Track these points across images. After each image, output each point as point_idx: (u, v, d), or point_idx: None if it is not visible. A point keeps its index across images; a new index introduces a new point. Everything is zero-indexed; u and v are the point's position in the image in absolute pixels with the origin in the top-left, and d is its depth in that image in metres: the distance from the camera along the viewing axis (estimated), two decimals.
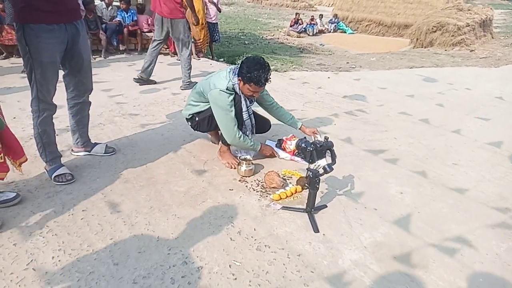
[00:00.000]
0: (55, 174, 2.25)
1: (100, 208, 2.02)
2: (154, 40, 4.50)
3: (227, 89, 2.37)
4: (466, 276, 1.68)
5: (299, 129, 2.75)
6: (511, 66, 7.28)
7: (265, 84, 2.36)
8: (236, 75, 2.37)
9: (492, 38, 12.17)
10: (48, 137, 2.23)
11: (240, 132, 2.44)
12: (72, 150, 2.62)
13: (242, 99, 2.45)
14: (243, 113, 2.49)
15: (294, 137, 2.74)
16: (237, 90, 2.41)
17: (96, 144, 2.64)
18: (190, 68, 4.54)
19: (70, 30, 2.08)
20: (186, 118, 2.75)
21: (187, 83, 4.50)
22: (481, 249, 1.87)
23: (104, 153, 2.61)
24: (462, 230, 2.01)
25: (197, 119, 2.64)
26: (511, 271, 1.73)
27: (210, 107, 2.48)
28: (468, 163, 2.84)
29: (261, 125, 2.81)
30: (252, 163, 2.48)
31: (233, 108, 2.40)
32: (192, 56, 6.48)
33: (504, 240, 1.95)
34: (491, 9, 13.69)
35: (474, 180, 2.58)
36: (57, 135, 2.87)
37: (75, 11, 2.14)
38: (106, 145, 2.66)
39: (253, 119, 2.62)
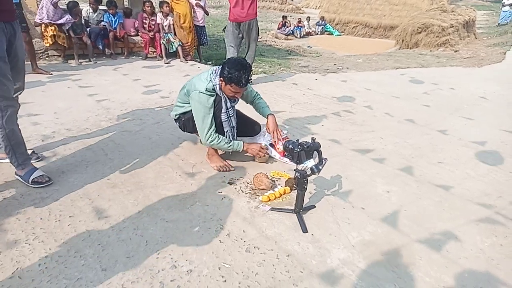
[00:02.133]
0: (32, 177, 2.21)
1: (87, 214, 2.00)
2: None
3: (206, 90, 2.38)
4: (452, 272, 1.71)
5: (266, 117, 2.71)
6: (494, 66, 7.45)
7: (246, 85, 2.38)
8: (218, 76, 2.39)
9: (476, 38, 12.41)
10: (16, 138, 2.18)
11: (214, 135, 2.43)
12: None
13: (223, 100, 2.45)
14: (222, 114, 2.48)
15: (287, 138, 2.76)
16: (218, 91, 2.42)
17: None
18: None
19: (8, 29, 2.08)
20: (174, 119, 2.76)
21: None
22: (466, 244, 1.91)
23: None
24: (447, 226, 2.05)
25: (183, 119, 2.66)
26: (495, 265, 1.77)
27: None
28: (453, 161, 2.89)
29: (250, 128, 2.82)
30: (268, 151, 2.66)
31: (211, 111, 2.41)
32: (179, 60, 6.49)
33: (488, 235, 2.00)
34: (474, 10, 13.97)
35: (459, 177, 2.63)
36: (42, 141, 2.86)
37: (11, 12, 2.13)
38: (33, 151, 2.55)
39: (233, 121, 2.59)
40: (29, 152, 2.52)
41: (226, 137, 2.55)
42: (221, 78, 2.35)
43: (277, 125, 2.66)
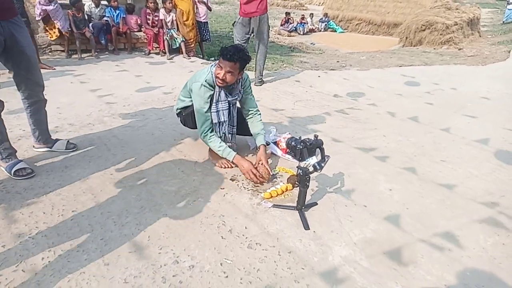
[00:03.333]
0: (14, 168, 2.25)
1: (90, 209, 2.01)
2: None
3: (206, 81, 2.36)
4: (453, 271, 1.71)
5: (257, 148, 2.56)
6: (498, 64, 7.40)
7: (230, 59, 2.25)
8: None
9: (480, 36, 12.34)
10: (1, 135, 2.24)
11: (208, 132, 2.41)
12: (33, 146, 2.63)
13: (217, 91, 2.40)
14: (212, 104, 2.43)
15: (290, 135, 2.75)
16: (214, 80, 2.38)
17: (57, 140, 2.65)
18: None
19: (6, 27, 2.08)
20: (176, 113, 2.76)
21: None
22: (468, 244, 1.90)
23: (66, 149, 2.62)
24: (450, 225, 2.04)
25: (183, 114, 2.66)
26: (497, 264, 1.77)
27: None
28: (456, 159, 2.88)
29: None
30: (269, 147, 2.66)
31: (206, 105, 2.39)
32: (182, 56, 6.48)
33: (491, 234, 1.99)
34: (478, 8, 13.88)
35: (461, 176, 2.62)
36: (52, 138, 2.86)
37: (7, 10, 2.13)
38: (68, 141, 2.67)
39: (225, 116, 2.47)
40: (64, 142, 2.64)
41: (215, 129, 2.49)
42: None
43: (267, 156, 2.54)
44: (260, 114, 2.69)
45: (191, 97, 2.52)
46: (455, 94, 4.89)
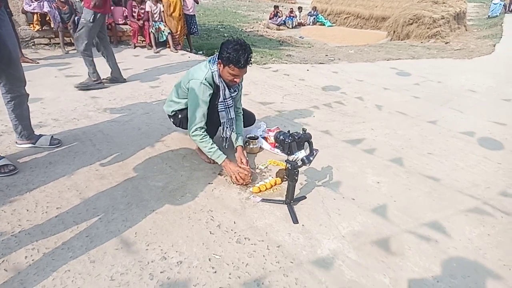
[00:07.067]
0: None
1: (75, 206, 1.97)
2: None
3: (205, 79, 2.27)
4: (440, 262, 1.73)
5: (235, 148, 2.51)
6: (483, 58, 7.51)
7: (246, 66, 2.20)
8: (216, 62, 2.28)
9: (466, 30, 12.49)
10: None
11: (201, 132, 2.30)
12: (16, 142, 2.57)
13: (222, 88, 2.33)
14: (219, 103, 2.36)
15: (278, 129, 2.74)
16: (216, 78, 2.30)
17: (40, 136, 2.60)
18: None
19: None
20: (168, 115, 2.64)
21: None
22: (454, 235, 1.93)
23: (49, 145, 2.58)
24: (436, 217, 2.07)
25: (179, 116, 2.53)
26: (482, 255, 1.79)
27: None
28: (442, 152, 2.92)
29: (245, 119, 2.74)
30: (258, 141, 2.64)
31: (206, 104, 2.30)
32: (169, 49, 6.40)
33: (477, 225, 2.02)
34: (464, 2, 14.01)
35: (448, 168, 2.65)
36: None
37: None
38: (52, 136, 2.63)
39: (232, 113, 2.45)
40: (48, 138, 2.59)
41: (223, 128, 2.47)
42: (219, 61, 2.23)
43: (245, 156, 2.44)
44: (242, 114, 2.66)
45: (186, 98, 2.40)
46: (442, 87, 4.94)
